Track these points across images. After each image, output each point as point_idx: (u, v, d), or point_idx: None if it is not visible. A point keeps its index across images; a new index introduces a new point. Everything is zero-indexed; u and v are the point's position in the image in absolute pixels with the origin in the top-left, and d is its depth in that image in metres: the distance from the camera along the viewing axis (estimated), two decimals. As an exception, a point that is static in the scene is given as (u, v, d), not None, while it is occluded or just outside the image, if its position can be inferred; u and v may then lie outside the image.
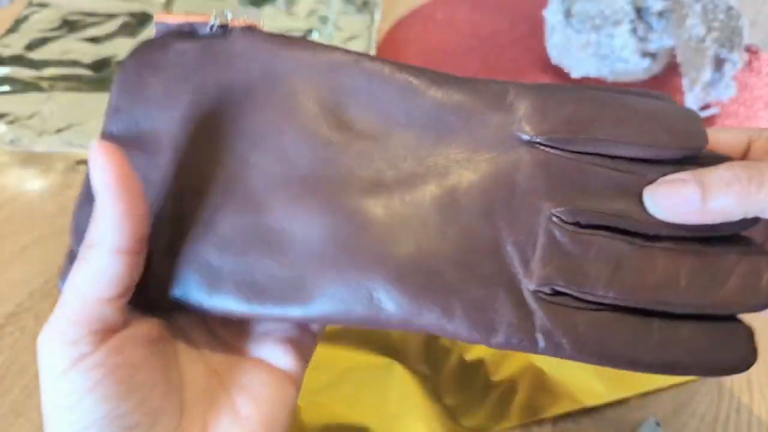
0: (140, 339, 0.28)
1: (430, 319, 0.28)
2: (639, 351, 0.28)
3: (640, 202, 0.29)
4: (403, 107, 0.31)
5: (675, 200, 0.28)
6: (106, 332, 0.26)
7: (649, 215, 0.28)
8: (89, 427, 0.26)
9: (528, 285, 0.28)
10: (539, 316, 0.28)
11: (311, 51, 0.32)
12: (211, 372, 0.31)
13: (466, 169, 0.30)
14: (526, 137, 0.30)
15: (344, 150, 0.30)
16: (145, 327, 0.29)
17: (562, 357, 0.28)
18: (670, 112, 0.30)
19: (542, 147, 0.30)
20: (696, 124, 0.30)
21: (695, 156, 0.29)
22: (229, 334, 0.33)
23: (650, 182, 0.29)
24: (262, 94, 0.31)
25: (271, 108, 0.31)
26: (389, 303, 0.28)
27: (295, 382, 0.32)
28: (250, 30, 0.33)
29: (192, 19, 0.33)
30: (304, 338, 0.34)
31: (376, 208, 0.29)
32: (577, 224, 0.28)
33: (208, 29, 0.33)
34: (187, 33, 0.33)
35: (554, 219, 0.28)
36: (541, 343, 0.28)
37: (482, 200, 0.29)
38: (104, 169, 0.25)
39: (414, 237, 0.29)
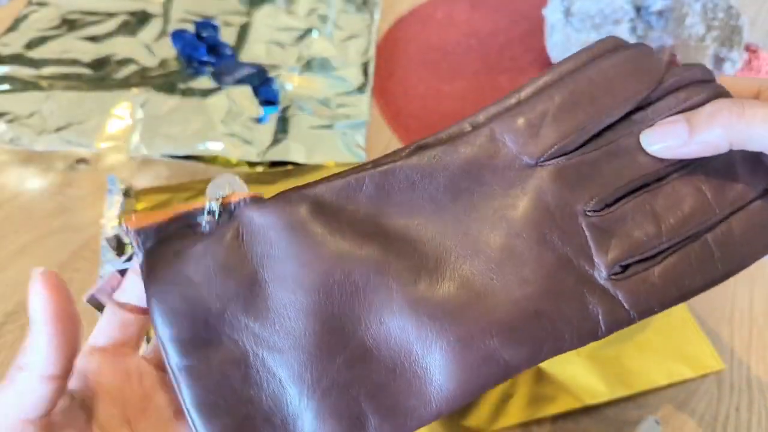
0: None
1: (549, 349, 0.30)
2: (710, 269, 0.31)
3: (645, 152, 0.31)
4: (424, 195, 0.32)
5: (666, 137, 0.30)
6: None
7: (653, 163, 0.31)
8: None
9: (601, 276, 0.30)
10: (622, 295, 0.30)
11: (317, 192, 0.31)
12: None
13: (504, 216, 0.31)
14: (532, 161, 0.32)
15: (396, 258, 0.31)
16: None
17: (654, 314, 0.30)
18: (626, 60, 0.33)
19: (549, 162, 0.31)
20: (651, 59, 0.33)
21: (676, 84, 0.32)
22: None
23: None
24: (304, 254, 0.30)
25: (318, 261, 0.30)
26: (515, 357, 0.29)
27: None
28: (257, 200, 0.30)
29: (176, 211, 0.30)
30: None
31: (456, 290, 0.30)
32: (607, 206, 0.31)
33: (207, 219, 0.30)
34: (183, 232, 0.30)
35: (589, 214, 0.31)
36: (634, 315, 0.30)
37: (532, 233, 0.31)
38: (43, 300, 0.26)
39: (503, 295, 0.30)
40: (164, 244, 0.30)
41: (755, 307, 0.55)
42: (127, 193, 0.60)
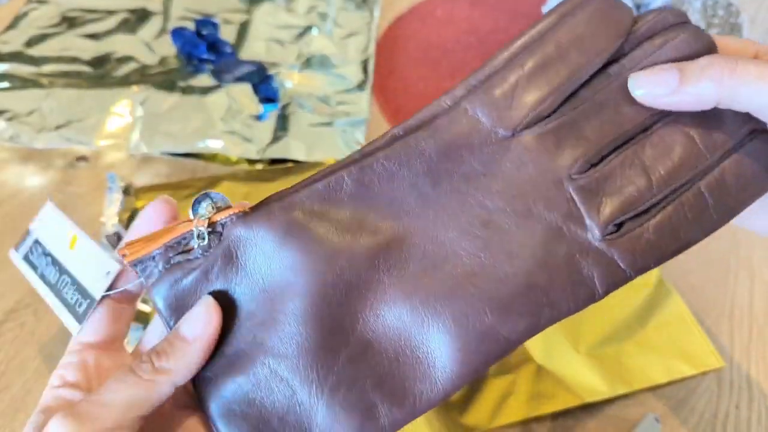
0: None
1: (547, 318, 0.30)
2: (706, 218, 0.30)
3: (628, 103, 0.30)
4: (405, 184, 0.32)
5: (655, 83, 0.29)
6: None
7: (637, 113, 0.30)
8: None
9: (594, 238, 0.30)
10: (618, 254, 0.30)
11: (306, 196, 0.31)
12: None
13: (488, 194, 0.31)
14: (508, 133, 0.31)
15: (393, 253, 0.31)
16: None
17: (650, 270, 0.30)
18: (593, 14, 0.31)
19: (526, 131, 0.31)
20: (618, 9, 0.32)
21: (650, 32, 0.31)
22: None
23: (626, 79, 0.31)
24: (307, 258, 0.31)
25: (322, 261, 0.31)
26: (513, 332, 0.30)
27: None
28: (242, 216, 0.31)
29: (167, 238, 0.30)
30: None
31: (447, 274, 0.30)
32: (593, 166, 0.30)
33: (198, 243, 0.30)
34: (179, 262, 0.31)
35: (574, 177, 0.30)
36: (631, 273, 0.30)
37: (517, 207, 0.31)
38: (210, 323, 0.29)
39: (494, 272, 0.30)
40: (165, 276, 0.31)
41: (755, 305, 0.55)
42: (126, 191, 0.60)
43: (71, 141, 0.67)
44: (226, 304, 0.30)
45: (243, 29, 0.82)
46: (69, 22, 0.82)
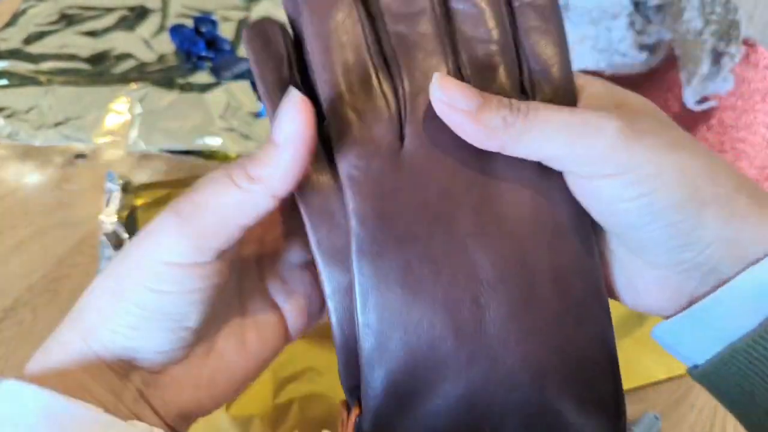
0: (233, 264, 0.30)
1: None
2: None
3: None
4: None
5: (454, 96, 0.27)
6: (223, 252, 0.27)
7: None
8: (151, 319, 0.27)
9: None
10: None
11: None
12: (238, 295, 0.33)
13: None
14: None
15: None
16: (235, 255, 0.30)
17: None
18: None
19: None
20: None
21: None
22: (267, 267, 0.34)
23: None
24: None
25: None
26: None
27: (289, 341, 0.34)
28: None
29: None
30: (313, 311, 0.35)
31: None
32: None
33: None
34: None
35: None
36: None
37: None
38: (297, 121, 0.26)
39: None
40: None
41: (753, 302, 0.55)
42: (125, 188, 0.60)
43: (70, 138, 0.67)
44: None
45: (242, 26, 0.82)
46: (67, 19, 0.81)
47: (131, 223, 0.58)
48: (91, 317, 0.28)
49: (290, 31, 0.31)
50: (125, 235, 0.56)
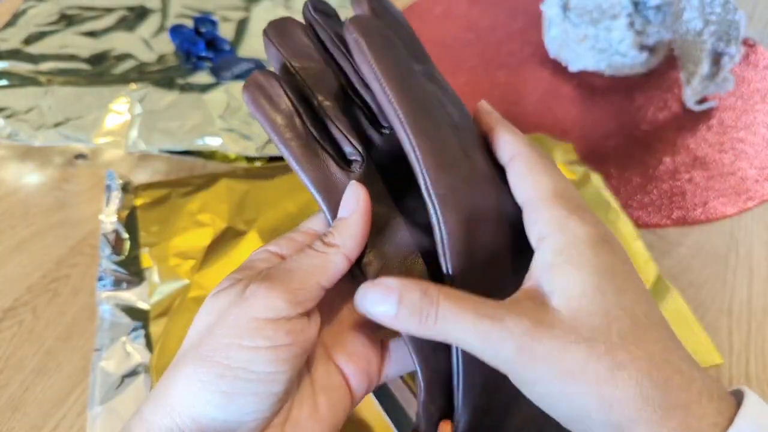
0: (310, 325, 0.32)
1: None
2: None
3: None
4: None
5: (379, 299, 0.29)
6: (305, 310, 0.31)
7: None
8: (243, 380, 0.29)
9: None
10: None
11: None
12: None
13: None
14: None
15: None
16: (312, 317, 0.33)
17: None
18: None
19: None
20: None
21: None
22: (329, 335, 0.36)
23: None
24: None
25: None
26: None
27: (355, 403, 0.36)
28: None
29: None
30: (373, 372, 0.36)
31: None
32: None
33: None
34: None
35: None
36: None
37: None
38: (361, 196, 0.32)
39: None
40: None
41: (754, 301, 0.55)
42: (125, 189, 0.60)
43: (70, 138, 0.66)
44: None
45: (241, 26, 0.82)
46: (67, 19, 0.82)
47: (131, 222, 0.58)
48: (178, 392, 0.29)
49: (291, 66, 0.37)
50: (125, 235, 0.56)
